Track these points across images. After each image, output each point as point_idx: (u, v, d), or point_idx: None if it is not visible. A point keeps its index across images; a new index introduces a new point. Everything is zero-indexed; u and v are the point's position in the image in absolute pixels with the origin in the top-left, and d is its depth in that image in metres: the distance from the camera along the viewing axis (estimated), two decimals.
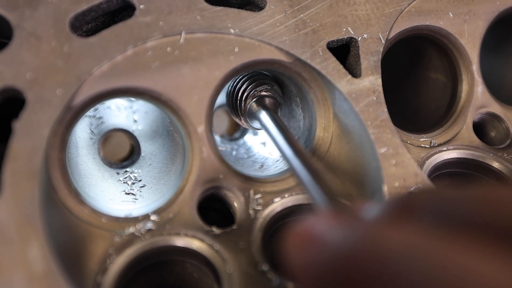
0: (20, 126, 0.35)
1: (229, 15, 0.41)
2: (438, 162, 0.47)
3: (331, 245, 0.22)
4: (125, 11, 0.43)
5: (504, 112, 0.51)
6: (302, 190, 0.41)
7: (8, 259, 0.32)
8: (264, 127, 0.42)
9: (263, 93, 0.46)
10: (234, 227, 0.40)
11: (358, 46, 0.44)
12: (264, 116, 0.43)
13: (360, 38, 0.44)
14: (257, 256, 0.38)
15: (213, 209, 0.43)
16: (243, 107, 0.46)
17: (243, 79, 0.47)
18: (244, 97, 0.46)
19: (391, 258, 0.18)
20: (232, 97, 0.47)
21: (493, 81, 0.54)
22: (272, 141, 0.39)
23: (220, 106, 0.63)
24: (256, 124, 0.47)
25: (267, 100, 0.45)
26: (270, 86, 0.46)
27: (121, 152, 0.53)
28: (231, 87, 0.48)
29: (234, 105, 0.47)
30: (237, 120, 0.49)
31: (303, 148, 0.41)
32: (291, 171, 0.35)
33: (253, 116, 0.45)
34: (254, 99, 0.45)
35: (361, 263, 0.19)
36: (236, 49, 0.41)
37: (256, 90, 0.46)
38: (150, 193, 0.45)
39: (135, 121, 0.53)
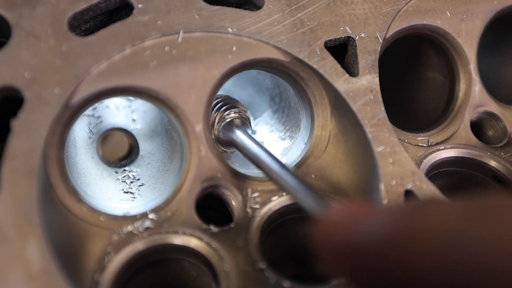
0: (18, 125, 0.35)
1: (227, 14, 0.42)
2: (436, 161, 0.47)
3: (372, 228, 0.24)
4: (123, 10, 0.43)
5: (502, 111, 0.51)
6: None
7: (6, 257, 0.32)
8: (242, 147, 0.41)
9: (231, 115, 0.45)
10: (232, 226, 0.40)
11: (356, 45, 0.44)
12: (238, 137, 0.42)
13: (357, 37, 0.44)
14: (254, 254, 0.38)
15: (211, 207, 0.44)
16: (215, 135, 0.45)
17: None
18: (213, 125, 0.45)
19: (437, 235, 0.22)
20: None
21: (490, 80, 0.54)
22: (252, 158, 0.39)
23: None
24: (228, 147, 0.46)
25: (236, 121, 0.44)
26: (232, 107, 0.45)
27: (120, 151, 0.53)
28: None
29: None
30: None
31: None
32: (279, 185, 0.36)
33: (227, 141, 0.44)
34: (223, 124, 0.44)
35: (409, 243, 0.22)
36: (234, 48, 0.41)
37: (222, 115, 0.45)
38: (149, 191, 0.46)
39: (134, 120, 0.53)
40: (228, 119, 0.45)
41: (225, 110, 0.45)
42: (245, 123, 0.45)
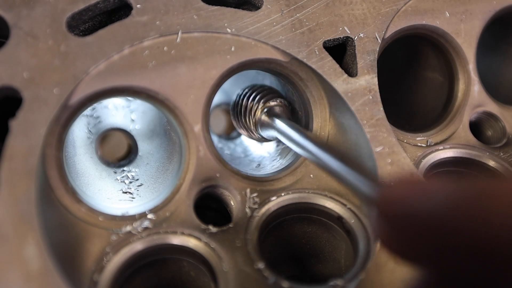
0: (16, 125, 0.35)
1: (226, 14, 0.42)
2: (435, 161, 0.47)
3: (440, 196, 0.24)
4: (122, 10, 0.43)
5: (501, 111, 0.51)
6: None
7: (4, 257, 0.32)
8: (281, 133, 0.42)
9: (272, 103, 0.46)
10: (231, 226, 0.40)
11: (355, 46, 0.44)
12: (279, 123, 0.42)
13: (356, 37, 0.44)
14: (253, 254, 0.38)
15: (210, 207, 0.44)
16: (255, 119, 0.46)
17: (250, 94, 0.47)
18: (255, 110, 0.46)
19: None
20: (240, 112, 0.48)
21: (490, 81, 0.54)
22: (292, 143, 0.39)
23: (218, 106, 0.63)
24: (267, 134, 0.46)
25: (277, 109, 0.45)
26: (277, 96, 0.47)
27: (119, 151, 0.53)
28: (239, 102, 0.48)
29: (244, 119, 0.47)
30: (244, 132, 0.49)
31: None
32: (322, 167, 0.35)
33: (266, 125, 0.45)
34: (265, 110, 0.45)
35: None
36: (232, 49, 0.41)
37: (266, 102, 0.46)
38: (147, 192, 0.46)
39: (133, 120, 0.53)
40: (268, 107, 0.45)
41: (267, 100, 0.46)
42: (284, 111, 0.46)
